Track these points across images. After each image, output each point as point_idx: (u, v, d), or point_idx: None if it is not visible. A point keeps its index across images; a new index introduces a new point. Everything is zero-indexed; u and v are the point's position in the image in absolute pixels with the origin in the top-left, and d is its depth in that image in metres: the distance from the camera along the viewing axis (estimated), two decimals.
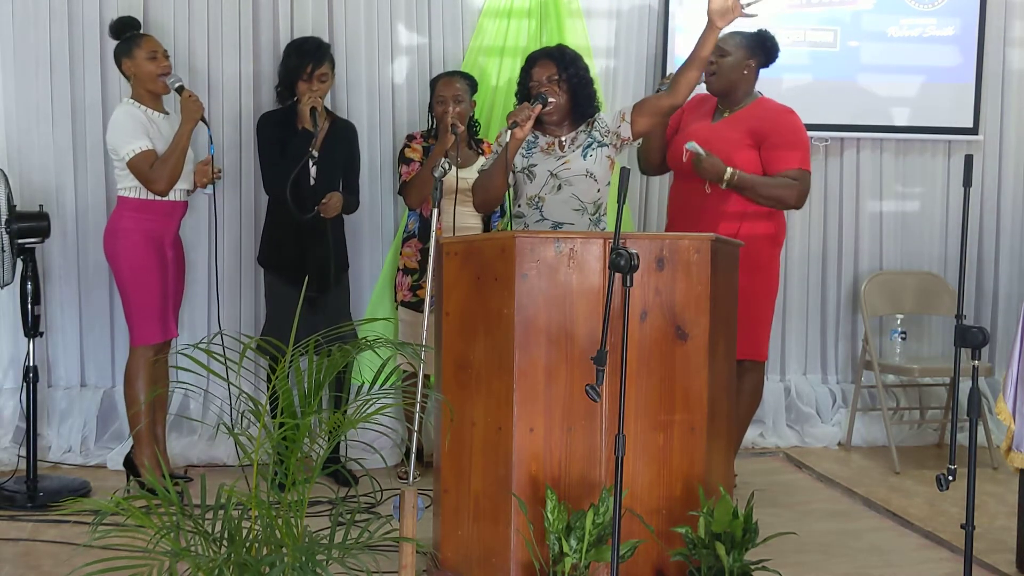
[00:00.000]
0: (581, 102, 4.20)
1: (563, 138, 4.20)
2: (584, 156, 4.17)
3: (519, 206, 4.23)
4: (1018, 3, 5.99)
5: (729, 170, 4.52)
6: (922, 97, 5.91)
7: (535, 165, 4.16)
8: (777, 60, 4.83)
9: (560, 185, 4.15)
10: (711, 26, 4.12)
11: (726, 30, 4.44)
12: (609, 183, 4.25)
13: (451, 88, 4.96)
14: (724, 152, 4.59)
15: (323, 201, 4.77)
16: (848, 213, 5.98)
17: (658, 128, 4.55)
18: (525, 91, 4.23)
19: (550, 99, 4.11)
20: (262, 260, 5.04)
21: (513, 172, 4.16)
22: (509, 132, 4.01)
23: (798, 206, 4.73)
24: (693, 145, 4.55)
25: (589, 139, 4.20)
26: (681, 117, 4.79)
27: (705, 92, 4.78)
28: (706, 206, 4.62)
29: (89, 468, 5.08)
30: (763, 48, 4.72)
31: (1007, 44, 6.01)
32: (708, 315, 3.67)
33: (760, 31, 4.75)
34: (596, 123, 4.25)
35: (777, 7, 5.69)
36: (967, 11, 5.87)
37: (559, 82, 4.16)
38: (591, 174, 4.17)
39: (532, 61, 4.25)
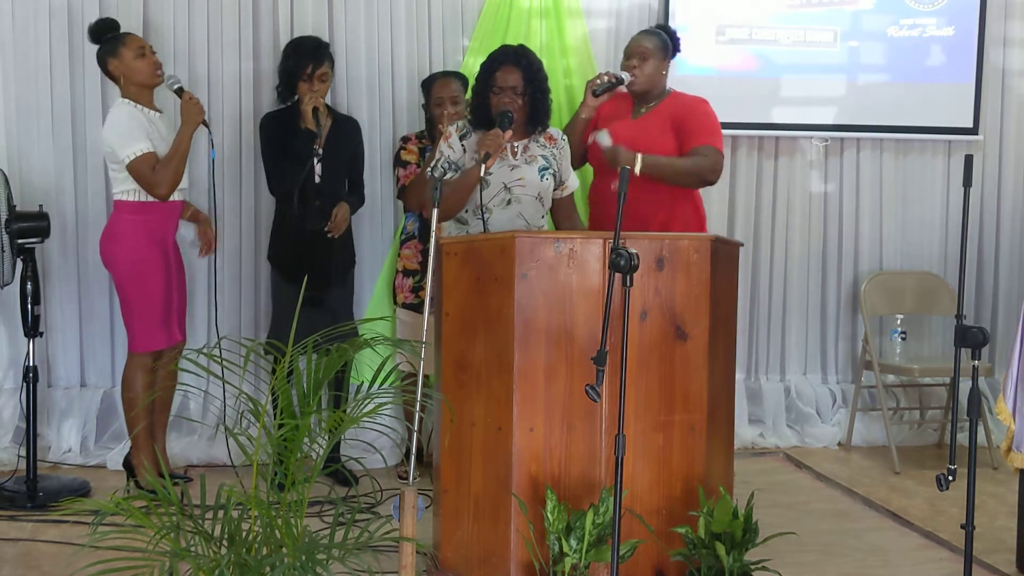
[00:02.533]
0: (538, 114, 4.17)
1: (515, 144, 4.18)
2: (541, 176, 4.16)
3: (464, 211, 4.17)
4: (1018, 3, 5.99)
5: (639, 156, 4.41)
6: (922, 97, 5.91)
7: (490, 173, 4.11)
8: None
9: (510, 200, 4.12)
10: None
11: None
12: (545, 215, 4.29)
13: (447, 89, 4.96)
14: (649, 145, 4.58)
15: (331, 220, 4.80)
16: (848, 213, 5.98)
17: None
18: (485, 92, 4.14)
19: (513, 115, 4.08)
20: (270, 257, 5.04)
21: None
22: (482, 166, 3.98)
23: (713, 180, 4.64)
24: (603, 136, 4.47)
25: (545, 159, 4.18)
26: (598, 119, 4.76)
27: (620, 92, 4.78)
28: (639, 201, 4.59)
29: (89, 468, 5.08)
30: (673, 44, 4.79)
31: (1007, 44, 6.01)
32: (708, 315, 3.67)
33: (663, 27, 4.88)
34: (559, 149, 4.22)
35: (777, 7, 5.70)
36: (967, 11, 5.87)
37: (523, 94, 4.11)
38: (540, 197, 4.16)
39: (497, 63, 4.16)
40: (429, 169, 4.26)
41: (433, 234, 3.90)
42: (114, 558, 2.61)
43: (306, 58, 4.83)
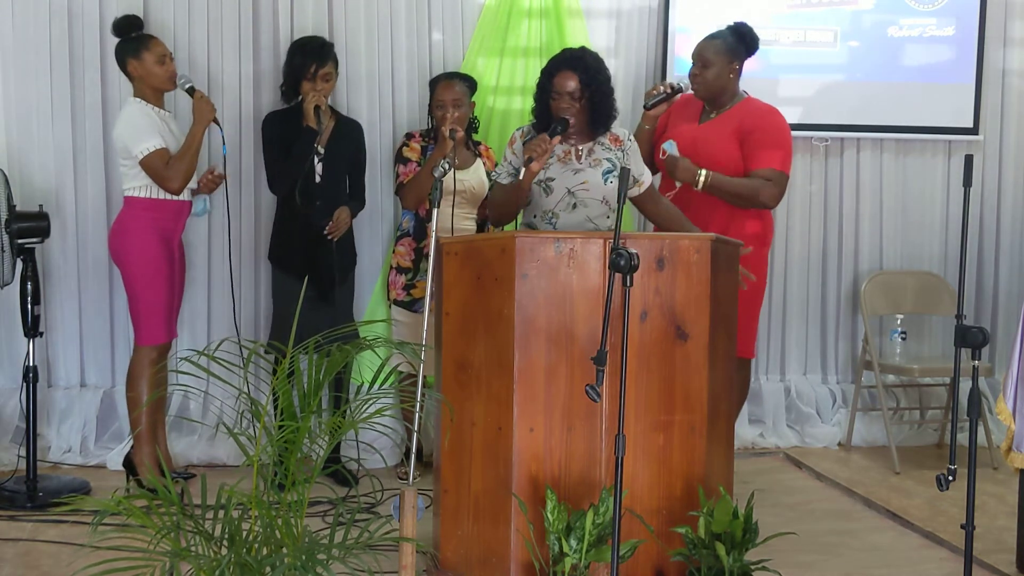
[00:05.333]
0: (600, 116, 4.10)
1: (580, 147, 4.11)
2: (605, 180, 4.07)
3: (533, 217, 4.14)
4: (1018, 3, 5.99)
5: (702, 172, 4.50)
6: (922, 97, 5.91)
7: (552, 179, 4.06)
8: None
9: (575, 204, 4.06)
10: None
11: (704, 32, 4.57)
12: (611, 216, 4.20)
13: (451, 92, 4.95)
14: (710, 152, 4.61)
15: (331, 222, 4.82)
16: (848, 213, 5.98)
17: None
18: (545, 98, 4.10)
19: (570, 121, 4.02)
20: (271, 256, 5.04)
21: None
22: (522, 171, 3.93)
23: (772, 206, 4.70)
24: (671, 145, 4.55)
25: (610, 161, 4.10)
26: (668, 120, 4.80)
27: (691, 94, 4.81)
28: (694, 205, 4.62)
29: (89, 468, 5.08)
30: (744, 45, 4.73)
31: (1007, 44, 6.01)
32: (708, 315, 3.67)
33: (735, 27, 4.78)
34: (624, 150, 4.14)
35: (777, 7, 5.70)
36: (967, 11, 5.87)
37: (581, 98, 4.04)
38: (606, 201, 4.08)
39: (555, 68, 4.09)
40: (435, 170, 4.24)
41: (433, 234, 3.90)
42: (115, 558, 2.61)
43: (310, 57, 4.84)
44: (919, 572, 4.12)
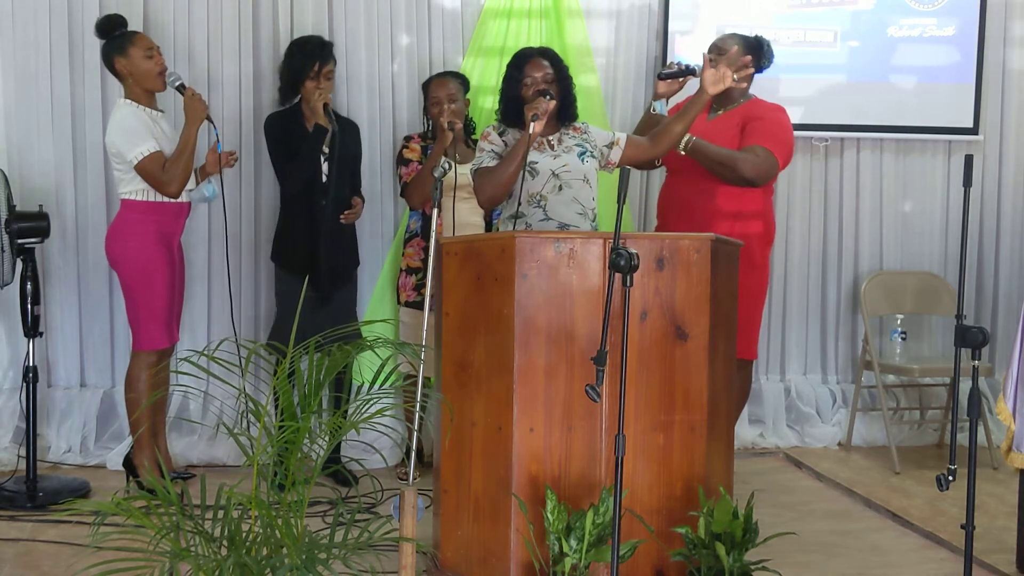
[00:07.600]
0: (567, 105, 4.23)
1: (549, 137, 4.20)
2: (582, 160, 4.18)
3: (518, 206, 4.17)
4: (1018, 3, 5.99)
5: (688, 136, 4.52)
6: (922, 97, 5.91)
7: (535, 162, 4.14)
8: (773, 64, 4.90)
9: (561, 186, 4.14)
10: (702, 92, 4.25)
11: (727, 31, 4.51)
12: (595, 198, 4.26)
13: (444, 88, 4.97)
14: (720, 145, 4.65)
15: (348, 212, 4.86)
16: (848, 213, 5.98)
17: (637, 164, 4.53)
18: (516, 87, 4.18)
19: (553, 95, 4.11)
20: (275, 257, 5.03)
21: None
22: (531, 125, 4.00)
23: (753, 179, 4.65)
24: (659, 105, 4.58)
25: (580, 146, 4.20)
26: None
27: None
28: (698, 204, 4.64)
29: (89, 468, 5.08)
30: (760, 53, 4.80)
31: (1007, 44, 6.01)
32: (708, 315, 3.67)
33: (758, 37, 4.85)
34: (586, 132, 4.26)
35: (777, 7, 5.71)
36: (967, 11, 5.88)
37: (554, 83, 4.17)
38: (587, 179, 4.17)
39: (525, 58, 4.23)
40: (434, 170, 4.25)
41: (433, 233, 3.90)
42: (114, 559, 2.61)
43: (313, 56, 4.84)
44: (919, 572, 4.12)
